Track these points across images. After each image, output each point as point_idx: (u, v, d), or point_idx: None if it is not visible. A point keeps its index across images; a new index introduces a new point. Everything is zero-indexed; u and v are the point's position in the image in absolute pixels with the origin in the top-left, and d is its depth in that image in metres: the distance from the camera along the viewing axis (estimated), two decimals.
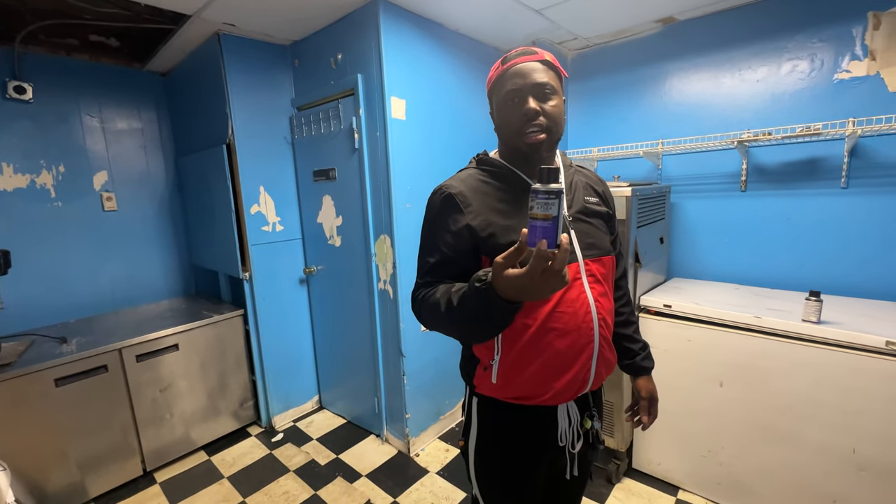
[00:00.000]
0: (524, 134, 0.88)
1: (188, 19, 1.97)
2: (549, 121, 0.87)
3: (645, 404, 1.13)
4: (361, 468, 2.15)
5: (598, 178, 1.07)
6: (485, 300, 0.71)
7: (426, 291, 0.89)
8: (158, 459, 2.16)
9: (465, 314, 0.77)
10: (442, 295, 0.83)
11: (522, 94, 0.87)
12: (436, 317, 0.85)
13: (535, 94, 0.87)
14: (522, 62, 0.88)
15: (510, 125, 0.90)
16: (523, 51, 0.89)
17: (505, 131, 0.92)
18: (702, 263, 2.31)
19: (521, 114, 0.87)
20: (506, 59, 0.90)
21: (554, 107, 0.88)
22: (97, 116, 2.46)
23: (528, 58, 0.88)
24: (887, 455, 1.41)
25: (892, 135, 1.75)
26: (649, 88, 2.38)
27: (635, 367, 1.13)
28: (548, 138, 0.88)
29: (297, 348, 2.63)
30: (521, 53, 0.89)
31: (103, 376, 1.96)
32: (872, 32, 1.75)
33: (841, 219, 1.90)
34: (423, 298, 0.88)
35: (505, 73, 0.89)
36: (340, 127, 2.18)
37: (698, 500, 1.82)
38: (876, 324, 1.50)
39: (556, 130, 0.90)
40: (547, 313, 0.86)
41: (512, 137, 0.91)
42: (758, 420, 1.64)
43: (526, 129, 0.87)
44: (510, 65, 0.89)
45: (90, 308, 2.46)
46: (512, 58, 0.89)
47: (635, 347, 1.13)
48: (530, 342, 0.87)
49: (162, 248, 2.75)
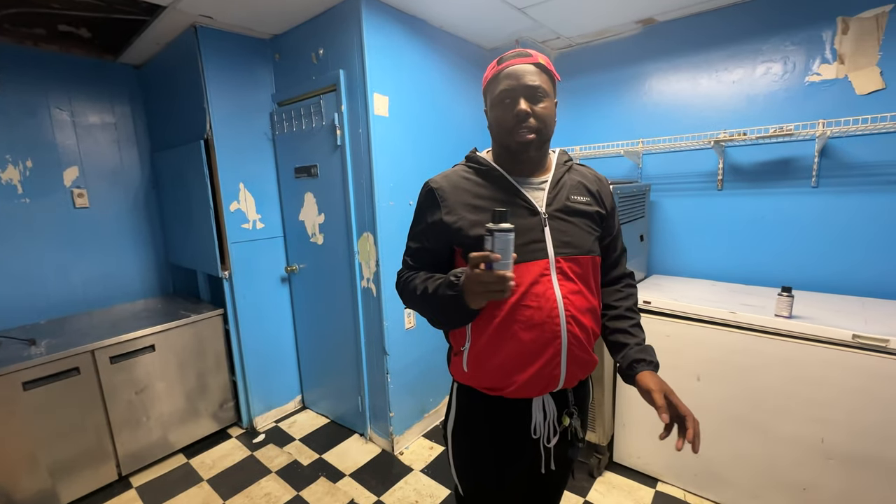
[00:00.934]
0: (514, 132, 0.92)
1: (163, 10, 1.91)
2: (538, 122, 0.91)
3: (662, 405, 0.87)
4: (345, 468, 2.13)
5: (595, 176, 1.07)
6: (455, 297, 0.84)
7: (408, 274, 1.01)
8: (134, 463, 2.10)
9: (438, 304, 0.90)
10: (421, 282, 0.95)
11: (514, 95, 0.90)
12: (413, 300, 0.98)
13: (527, 95, 0.90)
14: (516, 64, 0.91)
15: (502, 124, 0.94)
16: (518, 52, 0.93)
17: (497, 130, 0.96)
18: (681, 260, 2.36)
19: (513, 114, 0.91)
20: (501, 60, 0.94)
21: (544, 108, 0.92)
22: (67, 110, 2.37)
23: (522, 60, 0.91)
24: (853, 444, 1.47)
25: (858, 136, 1.82)
26: (630, 88, 2.41)
27: (627, 360, 0.95)
28: (537, 138, 0.92)
29: (278, 348, 2.59)
30: (516, 55, 0.92)
31: (75, 379, 1.89)
32: (841, 37, 1.81)
33: (811, 217, 1.96)
34: (405, 281, 1.01)
35: (499, 73, 0.93)
36: (322, 123, 2.15)
37: (676, 490, 1.87)
38: (844, 318, 1.55)
39: (546, 131, 0.94)
40: (512, 305, 0.89)
41: (503, 136, 0.95)
42: (732, 412, 1.69)
43: (517, 129, 0.91)
44: (505, 65, 0.92)
45: (61, 308, 2.38)
46: (507, 58, 0.93)
47: (629, 341, 0.99)
48: (496, 332, 0.91)
49: (137, 247, 2.67)
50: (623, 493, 1.88)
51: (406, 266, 1.04)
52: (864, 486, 1.46)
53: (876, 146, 1.80)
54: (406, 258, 1.04)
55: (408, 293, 0.99)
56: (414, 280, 0.97)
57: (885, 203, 1.80)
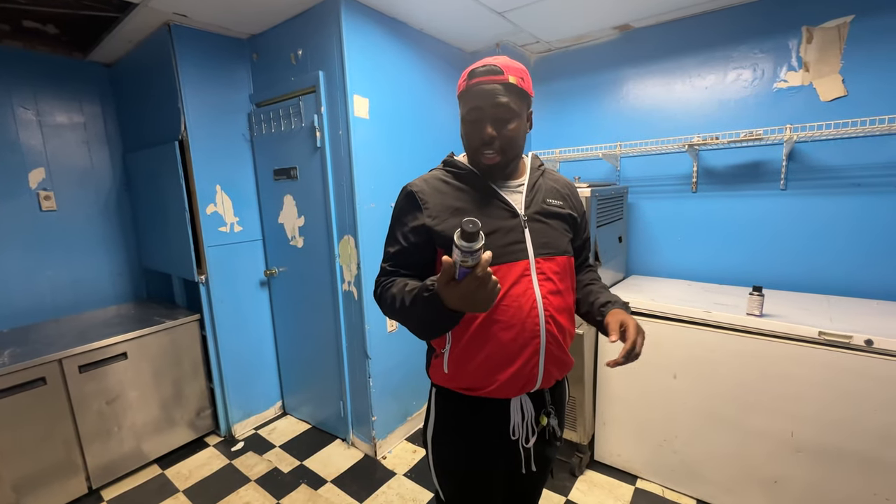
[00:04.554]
0: (480, 154, 0.94)
1: (134, 8, 1.86)
2: (503, 144, 0.93)
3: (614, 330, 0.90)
4: (326, 474, 2.10)
5: (566, 181, 1.12)
6: (432, 306, 0.79)
7: (385, 281, 0.97)
8: (106, 476, 2.02)
9: (416, 314, 0.85)
10: (398, 291, 0.90)
11: (481, 117, 0.92)
12: (391, 310, 0.93)
13: (494, 118, 0.91)
14: (486, 82, 0.89)
15: (470, 143, 0.96)
16: (489, 69, 0.90)
17: (465, 145, 0.99)
18: (658, 261, 2.42)
19: (479, 137, 0.93)
20: (472, 74, 0.92)
21: (511, 130, 0.92)
22: (32, 109, 2.28)
23: (492, 77, 0.89)
24: (821, 437, 1.52)
25: (823, 141, 1.90)
26: (608, 92, 2.46)
27: (596, 306, 1.00)
28: (501, 161, 0.94)
29: (257, 353, 2.54)
30: (486, 72, 0.90)
31: (41, 389, 1.81)
32: (806, 46, 1.89)
33: (780, 218, 2.04)
34: (382, 289, 0.97)
35: (469, 89, 0.92)
36: (302, 125, 2.12)
37: (655, 487, 1.91)
38: (811, 316, 1.62)
39: (512, 152, 0.95)
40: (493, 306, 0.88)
41: (470, 153, 0.98)
42: (707, 409, 1.74)
43: (481, 151, 0.94)
44: (475, 82, 0.91)
45: (27, 316, 2.27)
46: (478, 74, 0.91)
47: (597, 296, 1.04)
48: (477, 333, 0.92)
49: (109, 251, 2.58)
50: (604, 490, 1.91)
51: (384, 273, 1.00)
52: (831, 477, 1.52)
53: (839, 150, 1.88)
54: (384, 265, 1.00)
55: (385, 301, 0.95)
56: (390, 289, 0.93)
57: (849, 205, 1.88)
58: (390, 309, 0.93)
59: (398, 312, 0.90)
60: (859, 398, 1.45)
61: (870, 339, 1.41)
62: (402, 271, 0.98)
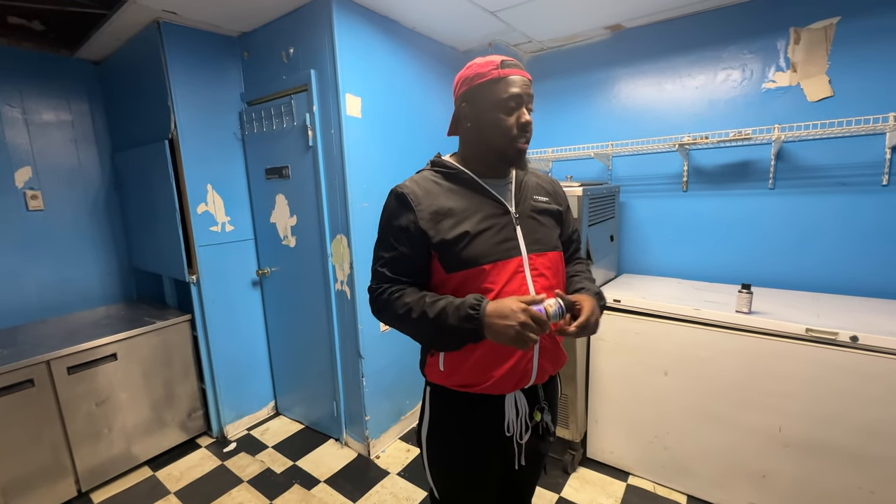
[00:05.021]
0: (516, 140, 0.94)
1: (123, 4, 1.84)
2: (531, 133, 0.97)
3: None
4: (320, 474, 2.10)
5: (549, 178, 1.14)
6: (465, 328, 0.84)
7: (391, 289, 0.94)
8: (95, 478, 2.00)
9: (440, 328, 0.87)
10: (415, 302, 0.90)
11: (521, 103, 0.93)
12: (402, 319, 0.92)
13: (528, 106, 0.95)
14: (519, 74, 0.93)
15: (504, 129, 0.93)
16: (517, 63, 0.95)
17: (493, 133, 0.94)
18: (649, 260, 2.44)
19: (519, 122, 0.93)
20: (504, 64, 0.93)
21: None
22: (18, 107, 2.24)
23: (523, 72, 0.95)
24: (808, 432, 1.55)
25: (810, 140, 1.93)
26: (600, 92, 2.48)
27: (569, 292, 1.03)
28: (527, 147, 0.98)
29: (250, 353, 2.53)
30: (516, 65, 0.94)
31: (29, 391, 1.79)
32: (794, 46, 1.92)
33: (769, 217, 2.06)
34: (389, 298, 0.94)
35: (505, 78, 0.92)
36: (293, 123, 2.11)
37: (646, 483, 1.93)
38: (798, 313, 1.64)
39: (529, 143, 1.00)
40: None
41: (499, 140, 0.94)
42: (697, 406, 1.76)
43: (519, 137, 0.94)
44: (510, 72, 0.92)
45: (13, 317, 2.24)
46: (510, 66, 0.93)
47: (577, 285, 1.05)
48: None
49: (97, 251, 2.55)
50: (596, 487, 1.92)
51: (383, 278, 0.96)
52: (818, 472, 1.54)
53: (826, 150, 1.90)
54: (381, 270, 0.97)
55: (395, 310, 0.92)
56: (401, 298, 0.91)
57: (836, 203, 1.91)
58: (399, 317, 0.92)
59: (413, 321, 0.90)
60: (845, 394, 1.47)
61: (855, 335, 1.43)
62: (404, 279, 0.95)
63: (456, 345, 0.91)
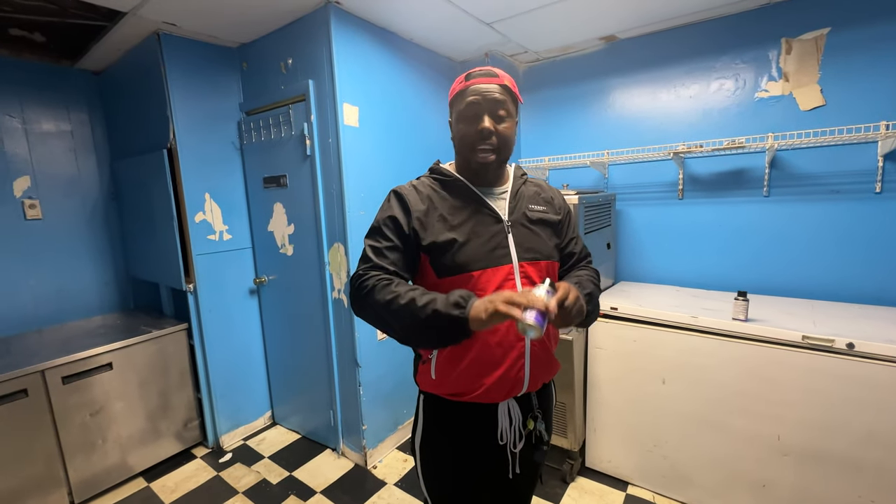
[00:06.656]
0: (476, 151, 0.95)
1: (123, 17, 1.86)
2: (499, 141, 0.95)
3: None
4: (316, 485, 2.08)
5: (548, 186, 1.14)
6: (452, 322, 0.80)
7: (379, 275, 0.90)
8: (88, 490, 1.98)
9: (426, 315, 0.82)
10: (406, 290, 0.85)
11: (479, 112, 0.94)
12: (388, 304, 0.86)
13: (491, 113, 0.94)
14: (483, 83, 0.94)
15: (465, 138, 0.97)
16: (486, 72, 0.96)
17: (460, 144, 0.99)
18: (646, 267, 2.44)
19: (476, 130, 0.94)
20: (469, 76, 0.96)
21: (506, 129, 0.96)
22: (18, 117, 2.26)
23: (489, 79, 0.95)
24: (806, 440, 1.54)
25: (803, 149, 1.95)
26: (596, 101, 2.50)
27: None
28: (496, 159, 0.97)
29: (247, 363, 2.51)
30: (484, 74, 0.96)
31: (22, 402, 1.77)
32: (785, 57, 1.95)
33: (764, 224, 2.08)
34: (378, 283, 0.88)
35: (467, 88, 0.95)
36: (291, 133, 2.12)
37: (645, 493, 1.91)
38: (794, 320, 1.64)
39: (505, 151, 0.99)
40: None
41: (465, 150, 0.98)
42: (695, 414, 1.75)
43: (478, 146, 0.95)
44: (473, 82, 0.95)
45: (8, 327, 2.23)
46: (475, 76, 0.96)
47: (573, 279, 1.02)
48: None
49: (95, 260, 2.54)
50: (595, 497, 1.91)
51: (372, 265, 0.92)
52: (817, 480, 1.53)
53: (820, 158, 1.92)
54: (371, 256, 0.93)
55: (378, 297, 0.87)
56: (390, 286, 0.87)
57: (830, 211, 1.92)
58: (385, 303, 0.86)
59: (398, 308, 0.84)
60: (843, 401, 1.47)
61: (851, 342, 1.43)
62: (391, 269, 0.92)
63: (437, 337, 0.84)
